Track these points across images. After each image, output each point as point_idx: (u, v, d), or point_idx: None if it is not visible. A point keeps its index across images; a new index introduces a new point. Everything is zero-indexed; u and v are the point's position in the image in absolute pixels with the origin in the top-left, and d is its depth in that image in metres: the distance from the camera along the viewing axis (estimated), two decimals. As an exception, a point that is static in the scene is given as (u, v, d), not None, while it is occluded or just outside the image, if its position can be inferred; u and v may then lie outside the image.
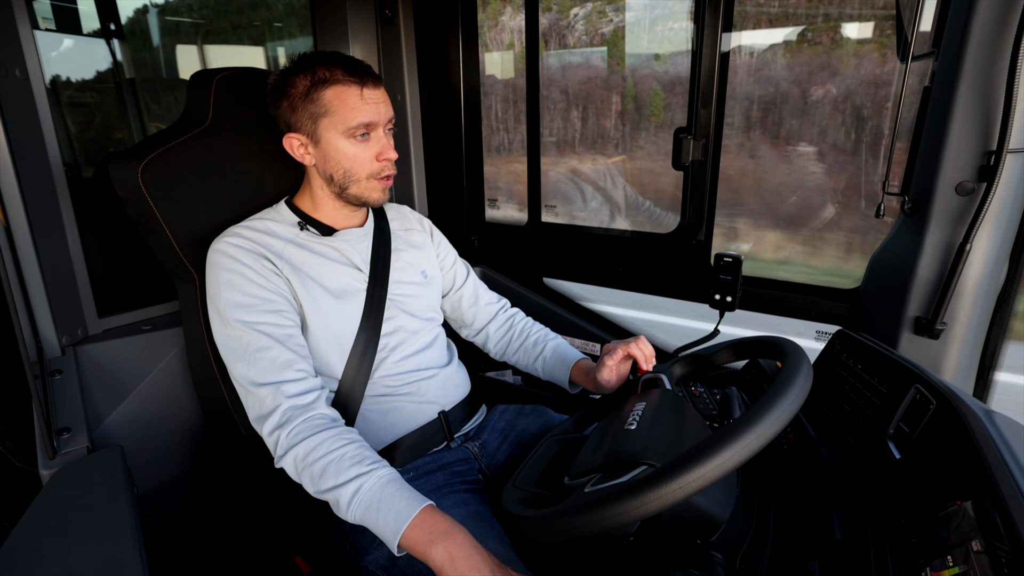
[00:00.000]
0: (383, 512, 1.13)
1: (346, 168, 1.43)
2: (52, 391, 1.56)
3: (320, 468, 1.18)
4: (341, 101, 1.37)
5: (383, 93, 1.44)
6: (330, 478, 1.17)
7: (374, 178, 1.45)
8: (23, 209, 1.56)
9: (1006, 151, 1.36)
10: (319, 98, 1.37)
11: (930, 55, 1.54)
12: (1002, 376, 1.65)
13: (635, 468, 0.96)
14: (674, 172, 2.11)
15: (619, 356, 1.47)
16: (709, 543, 1.01)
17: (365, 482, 1.16)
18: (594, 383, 1.52)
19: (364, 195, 1.47)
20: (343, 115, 1.38)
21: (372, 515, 1.14)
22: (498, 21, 3.22)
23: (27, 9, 1.58)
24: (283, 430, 1.23)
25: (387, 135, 1.46)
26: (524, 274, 2.55)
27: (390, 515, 1.12)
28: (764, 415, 0.83)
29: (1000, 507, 0.81)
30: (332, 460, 1.18)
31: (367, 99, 1.39)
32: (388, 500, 1.14)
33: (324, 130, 1.40)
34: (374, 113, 1.40)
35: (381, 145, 1.44)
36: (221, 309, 1.33)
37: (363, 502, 1.14)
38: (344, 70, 1.37)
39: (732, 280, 1.81)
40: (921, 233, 1.54)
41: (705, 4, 1.87)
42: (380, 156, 1.44)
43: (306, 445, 1.21)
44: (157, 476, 1.88)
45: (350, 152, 1.41)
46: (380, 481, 1.16)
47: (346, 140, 1.40)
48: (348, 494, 1.15)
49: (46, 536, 1.08)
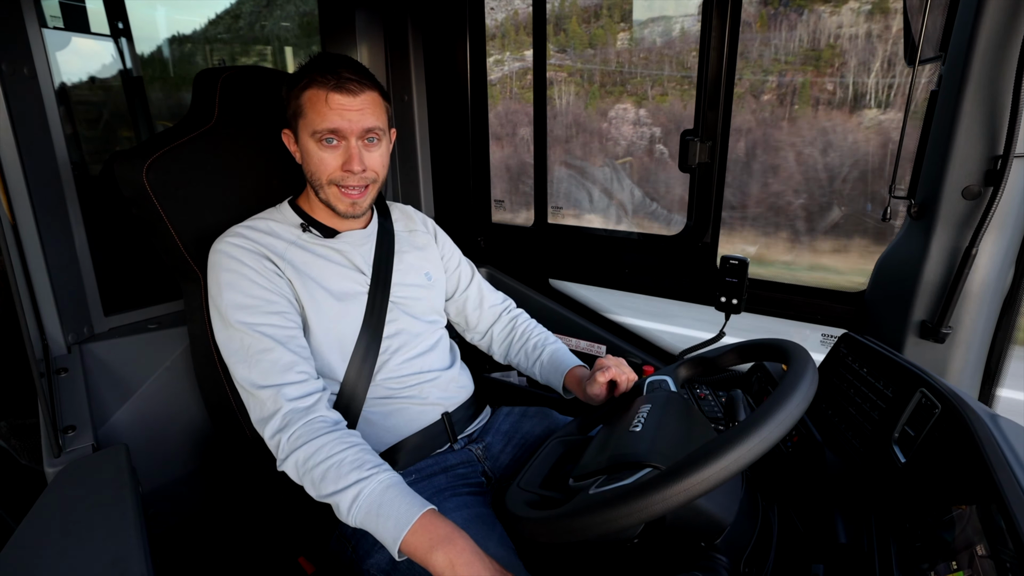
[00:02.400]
0: (383, 517, 1.12)
1: (311, 171, 1.43)
2: (58, 389, 1.56)
3: (320, 473, 1.18)
4: (311, 104, 1.37)
5: (360, 101, 1.39)
6: (330, 483, 1.17)
7: (336, 185, 1.43)
8: (30, 207, 1.57)
9: (1013, 155, 1.35)
10: (298, 96, 1.38)
11: (937, 59, 1.54)
12: (1004, 392, 1.64)
13: (640, 470, 0.96)
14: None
15: (609, 375, 1.45)
16: (713, 546, 1.01)
17: (365, 487, 1.15)
18: (584, 395, 1.52)
19: (331, 202, 1.45)
20: (311, 117, 1.37)
21: (372, 520, 1.13)
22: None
23: (35, 7, 1.58)
24: (284, 434, 1.23)
25: (367, 147, 1.43)
26: (530, 275, 2.55)
27: (390, 520, 1.12)
28: (768, 419, 0.83)
29: (1005, 511, 0.81)
30: (332, 465, 1.18)
31: (333, 104, 1.36)
32: (388, 505, 1.14)
33: (300, 130, 1.41)
34: (340, 119, 1.37)
35: (348, 155, 1.40)
36: (223, 310, 1.33)
37: (363, 507, 1.14)
38: (320, 72, 1.36)
39: (738, 283, 1.81)
40: (927, 237, 1.53)
41: (713, 6, 1.87)
42: (344, 166, 1.41)
43: (307, 450, 1.21)
44: (162, 475, 1.88)
45: (316, 155, 1.40)
46: (380, 486, 1.16)
47: (314, 143, 1.39)
48: (348, 499, 1.15)
49: (51, 533, 1.08)
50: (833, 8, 3.32)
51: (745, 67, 2.82)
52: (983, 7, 1.35)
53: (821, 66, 3.18)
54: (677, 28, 3.70)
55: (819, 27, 3.27)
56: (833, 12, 3.31)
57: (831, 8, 3.31)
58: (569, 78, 4.08)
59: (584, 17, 4.17)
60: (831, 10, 3.31)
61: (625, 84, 4.03)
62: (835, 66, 3.25)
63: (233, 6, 4.67)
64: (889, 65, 3.00)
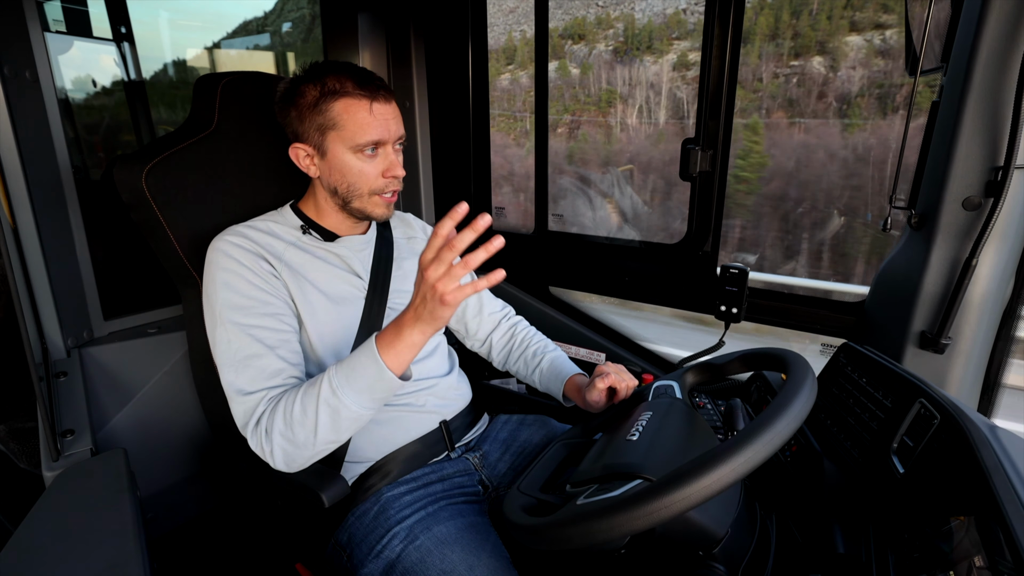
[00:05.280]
0: (357, 368, 1.17)
1: (350, 183, 1.42)
2: (57, 393, 1.56)
3: (299, 411, 1.20)
4: (351, 115, 1.35)
5: (394, 109, 1.41)
6: (310, 406, 1.19)
7: (377, 194, 1.44)
8: (31, 211, 1.56)
9: (1013, 166, 1.36)
10: (328, 110, 1.35)
11: (938, 69, 1.54)
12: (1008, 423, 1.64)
13: (630, 481, 0.95)
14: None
15: (608, 382, 1.45)
16: (711, 555, 1.01)
17: (329, 375, 1.19)
18: (583, 402, 1.52)
19: (367, 210, 1.46)
20: (352, 130, 1.36)
21: (356, 378, 1.17)
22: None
23: (38, 11, 1.58)
24: (259, 427, 1.24)
25: (396, 152, 1.44)
26: (530, 283, 2.55)
27: (363, 359, 1.17)
28: (760, 434, 0.82)
29: (1003, 523, 0.81)
30: (299, 396, 1.21)
31: (376, 115, 1.36)
32: (352, 361, 1.19)
33: (331, 143, 1.38)
34: (383, 130, 1.38)
35: (389, 162, 1.42)
36: (216, 309, 1.33)
37: (341, 384, 1.17)
38: (355, 83, 1.35)
39: (738, 291, 1.81)
40: (927, 247, 1.53)
41: (715, 16, 1.88)
42: (387, 173, 1.42)
43: (276, 416, 1.22)
44: (160, 480, 1.88)
45: (356, 167, 1.40)
46: (336, 367, 1.20)
47: (353, 155, 1.38)
48: (327, 392, 1.17)
49: (48, 538, 1.08)
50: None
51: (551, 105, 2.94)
52: (984, 18, 1.35)
53: (602, 106, 3.49)
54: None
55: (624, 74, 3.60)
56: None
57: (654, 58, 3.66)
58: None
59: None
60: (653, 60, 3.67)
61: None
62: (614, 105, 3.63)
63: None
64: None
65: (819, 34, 8.61)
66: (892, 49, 8.67)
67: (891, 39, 6.86)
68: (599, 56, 8.96)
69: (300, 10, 4.67)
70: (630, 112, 4.89)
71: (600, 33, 9.99)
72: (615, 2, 9.90)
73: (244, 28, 4.82)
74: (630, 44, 6.11)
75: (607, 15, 9.81)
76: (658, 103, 3.23)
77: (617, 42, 8.11)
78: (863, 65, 8.98)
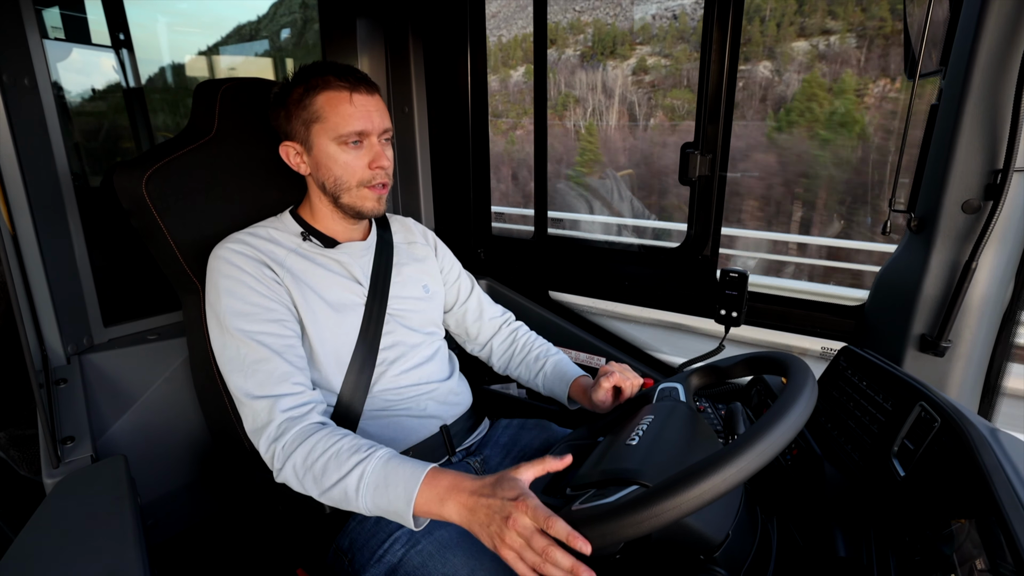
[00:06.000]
0: (391, 487, 1.11)
1: (337, 176, 1.42)
2: (57, 400, 1.56)
3: (321, 467, 1.17)
4: (332, 107, 1.37)
5: (377, 101, 1.42)
6: (332, 473, 1.16)
7: (365, 186, 1.44)
8: (30, 218, 1.56)
9: (1013, 169, 1.36)
10: (311, 104, 1.38)
11: (937, 73, 1.54)
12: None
13: (627, 487, 0.95)
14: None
15: (614, 381, 1.45)
16: (712, 559, 1.01)
17: (367, 465, 1.14)
18: (590, 403, 1.52)
19: (356, 204, 1.46)
20: (334, 121, 1.37)
21: (382, 494, 1.11)
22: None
23: (36, 18, 1.59)
24: (278, 443, 1.23)
25: (383, 144, 1.45)
26: (530, 287, 2.55)
27: (399, 487, 1.10)
28: (754, 443, 0.82)
29: (1004, 525, 0.81)
30: (331, 456, 1.17)
31: (357, 105, 1.38)
32: (393, 474, 1.12)
33: (316, 136, 1.40)
34: (366, 120, 1.39)
35: (374, 153, 1.42)
36: (221, 316, 1.33)
37: (371, 484, 1.12)
38: (335, 76, 1.37)
39: (738, 295, 1.81)
40: (927, 251, 1.53)
41: (713, 20, 1.88)
42: (373, 164, 1.42)
43: (302, 450, 1.20)
44: (161, 486, 1.87)
45: (341, 159, 1.40)
46: (381, 461, 1.14)
47: (337, 147, 1.39)
48: (354, 482, 1.13)
49: (49, 545, 1.08)
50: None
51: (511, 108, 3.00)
52: (983, 21, 1.35)
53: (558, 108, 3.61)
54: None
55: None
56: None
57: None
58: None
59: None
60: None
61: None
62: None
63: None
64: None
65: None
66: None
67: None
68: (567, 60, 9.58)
69: (292, 14, 4.69)
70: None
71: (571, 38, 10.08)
72: (591, 7, 10.10)
73: (238, 33, 4.83)
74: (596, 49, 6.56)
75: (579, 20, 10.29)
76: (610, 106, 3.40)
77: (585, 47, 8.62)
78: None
